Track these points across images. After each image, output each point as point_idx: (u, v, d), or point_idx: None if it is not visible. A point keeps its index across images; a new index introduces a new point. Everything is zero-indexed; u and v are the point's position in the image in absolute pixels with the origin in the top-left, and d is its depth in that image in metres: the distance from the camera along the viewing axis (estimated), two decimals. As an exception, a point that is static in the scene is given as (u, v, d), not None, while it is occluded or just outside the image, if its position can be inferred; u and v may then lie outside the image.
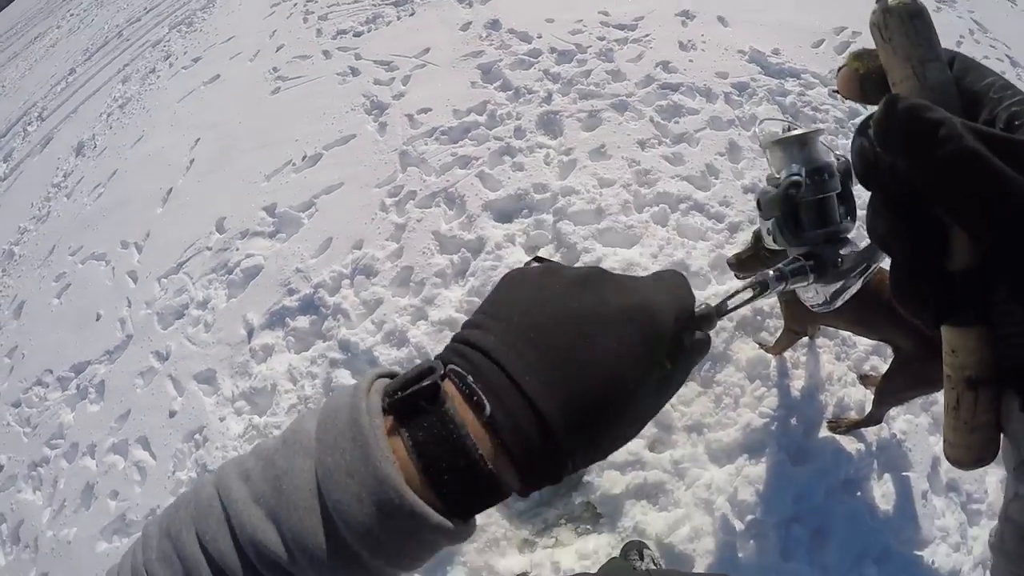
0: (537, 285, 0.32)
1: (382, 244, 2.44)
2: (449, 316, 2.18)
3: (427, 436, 0.27)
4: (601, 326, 0.29)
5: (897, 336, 1.75)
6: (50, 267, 3.90)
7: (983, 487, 2.06)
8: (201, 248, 2.89)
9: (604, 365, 0.29)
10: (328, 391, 2.23)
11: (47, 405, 2.99)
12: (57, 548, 2.39)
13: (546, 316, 0.30)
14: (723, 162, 2.72)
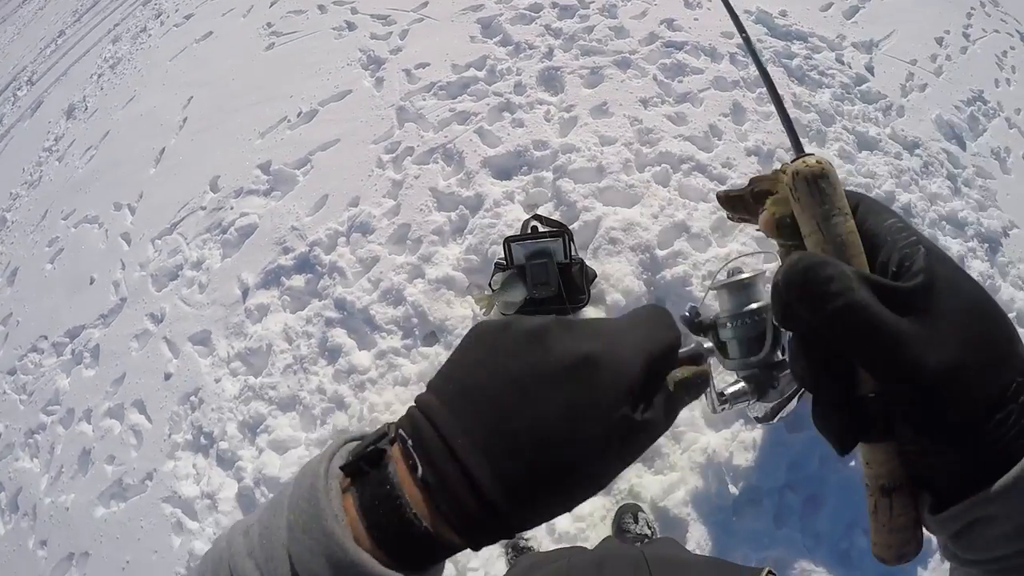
0: (488, 343, 0.32)
1: (379, 201, 2.39)
2: (446, 274, 2.14)
3: (371, 496, 0.30)
4: (542, 384, 0.30)
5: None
6: (43, 232, 3.85)
7: None
8: (195, 208, 2.83)
9: (542, 426, 0.29)
10: (324, 351, 2.21)
11: (42, 371, 2.98)
12: (55, 515, 2.40)
13: (487, 376, 0.30)
14: (727, 123, 2.65)
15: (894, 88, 3.04)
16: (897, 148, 2.74)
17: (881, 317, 0.27)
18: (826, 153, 2.65)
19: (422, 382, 2.07)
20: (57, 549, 2.33)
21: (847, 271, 0.28)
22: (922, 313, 0.27)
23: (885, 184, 2.55)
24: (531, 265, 1.92)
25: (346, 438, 0.35)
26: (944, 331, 0.27)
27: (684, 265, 2.18)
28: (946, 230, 2.51)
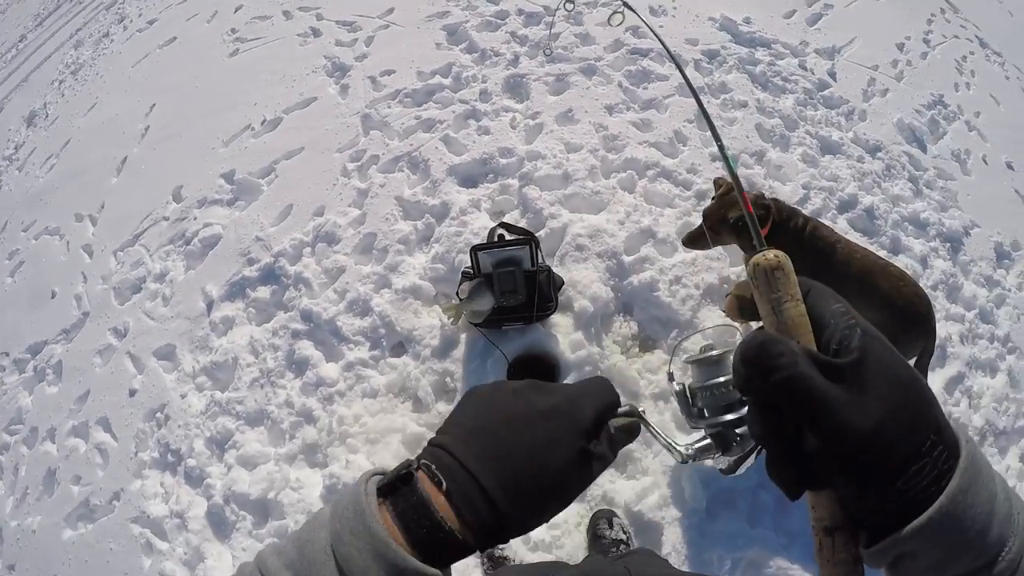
0: (483, 397, 0.44)
1: (344, 210, 2.36)
2: (413, 283, 2.14)
3: (405, 506, 0.38)
4: (527, 423, 0.41)
5: (865, 309, 1.78)
6: (2, 244, 3.73)
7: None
8: (158, 218, 2.77)
9: (531, 450, 0.40)
10: (291, 363, 2.18)
11: (4, 389, 2.89)
12: (22, 538, 2.34)
13: (488, 419, 0.42)
14: (691, 129, 2.69)
15: (856, 93, 3.12)
16: (860, 152, 2.81)
17: (819, 386, 0.34)
18: (789, 158, 2.71)
19: (391, 393, 2.06)
20: (25, 573, 2.27)
21: (794, 348, 0.35)
22: (853, 384, 0.34)
23: (848, 187, 2.61)
24: (498, 273, 1.91)
25: (370, 472, 0.41)
26: (870, 399, 0.33)
27: (651, 271, 2.20)
28: (908, 231, 2.58)
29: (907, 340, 1.73)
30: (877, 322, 1.27)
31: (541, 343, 2.07)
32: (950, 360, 2.30)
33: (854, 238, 2.48)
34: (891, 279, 1.69)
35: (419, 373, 2.04)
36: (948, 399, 2.24)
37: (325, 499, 1.99)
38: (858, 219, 2.55)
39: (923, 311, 1.69)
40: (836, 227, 2.55)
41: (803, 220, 1.74)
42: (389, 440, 2.00)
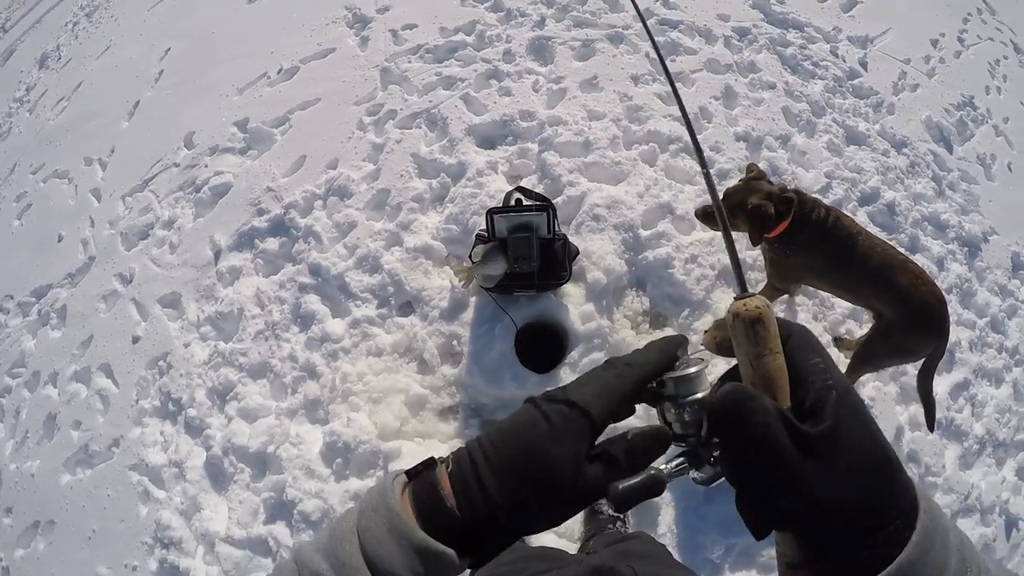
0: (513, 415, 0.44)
1: (358, 165, 2.31)
2: (425, 243, 2.09)
3: (419, 487, 0.41)
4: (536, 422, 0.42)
5: (881, 303, 1.74)
6: (10, 187, 3.71)
7: (941, 461, 2.12)
8: (168, 164, 2.73)
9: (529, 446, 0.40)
10: (297, 317, 2.15)
11: (8, 332, 2.89)
12: (20, 481, 2.35)
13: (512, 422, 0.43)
14: (717, 106, 2.61)
15: (886, 85, 3.03)
16: (885, 145, 2.74)
17: (787, 453, 0.35)
18: (815, 144, 2.63)
19: (396, 353, 2.04)
20: (23, 517, 2.28)
21: (768, 407, 0.35)
22: (822, 455, 0.35)
23: (871, 180, 2.55)
24: (513, 239, 1.86)
25: (396, 472, 0.45)
26: (836, 474, 0.34)
27: (667, 247, 2.15)
28: (928, 230, 2.53)
29: (919, 338, 1.71)
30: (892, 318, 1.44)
31: (551, 312, 2.03)
32: (958, 365, 2.27)
33: (873, 232, 2.46)
34: (909, 275, 1.66)
35: (426, 334, 2.01)
36: (952, 404, 2.22)
37: (324, 456, 1.98)
38: (878, 213, 2.49)
39: (938, 311, 1.65)
40: (856, 220, 2.50)
41: (825, 211, 1.70)
42: (391, 400, 1.98)
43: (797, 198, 1.68)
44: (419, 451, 1.93)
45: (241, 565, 2.00)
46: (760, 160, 2.49)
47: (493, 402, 2.00)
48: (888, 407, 2.13)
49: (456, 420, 2.00)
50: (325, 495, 1.95)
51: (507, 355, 1.96)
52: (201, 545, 2.07)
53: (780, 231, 1.70)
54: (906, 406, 2.16)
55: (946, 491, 2.10)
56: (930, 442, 2.12)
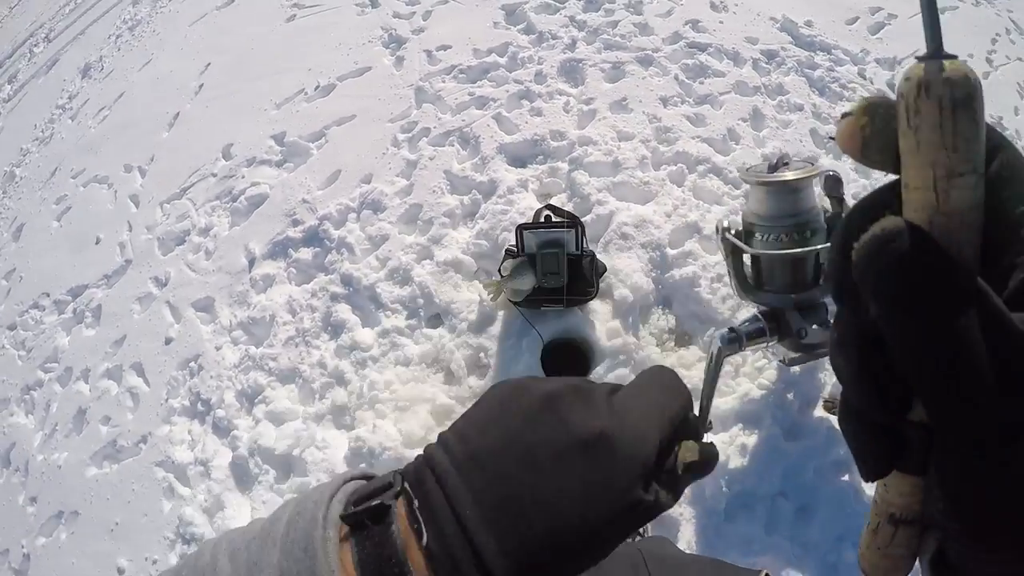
0: (502, 403, 0.31)
1: (392, 180, 2.37)
2: (455, 257, 2.14)
3: (370, 552, 0.28)
4: (554, 458, 0.28)
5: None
6: (51, 189, 3.84)
7: None
8: (206, 174, 2.82)
9: (552, 506, 0.27)
10: (327, 325, 2.21)
11: (43, 328, 2.97)
12: (47, 472, 2.40)
13: (501, 442, 0.29)
14: (745, 128, 2.64)
15: None
16: None
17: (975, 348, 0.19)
18: (842, 167, 2.63)
19: (424, 363, 2.07)
20: (47, 507, 2.33)
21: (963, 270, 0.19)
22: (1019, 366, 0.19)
23: None
24: (542, 254, 1.90)
25: (347, 476, 0.33)
26: None
27: (694, 266, 2.17)
28: None
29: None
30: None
31: (578, 328, 2.05)
32: None
33: None
34: None
35: (454, 346, 2.04)
36: None
37: (349, 461, 2.01)
38: None
39: None
40: None
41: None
42: (418, 409, 2.01)
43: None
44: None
45: (262, 568, 2.02)
46: (786, 183, 2.50)
47: (518, 415, 2.02)
48: None
49: (480, 432, 2.02)
50: (348, 502, 1.97)
51: (533, 368, 1.99)
52: (224, 545, 2.10)
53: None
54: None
55: None
56: None
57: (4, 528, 2.41)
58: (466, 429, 0.31)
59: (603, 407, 0.30)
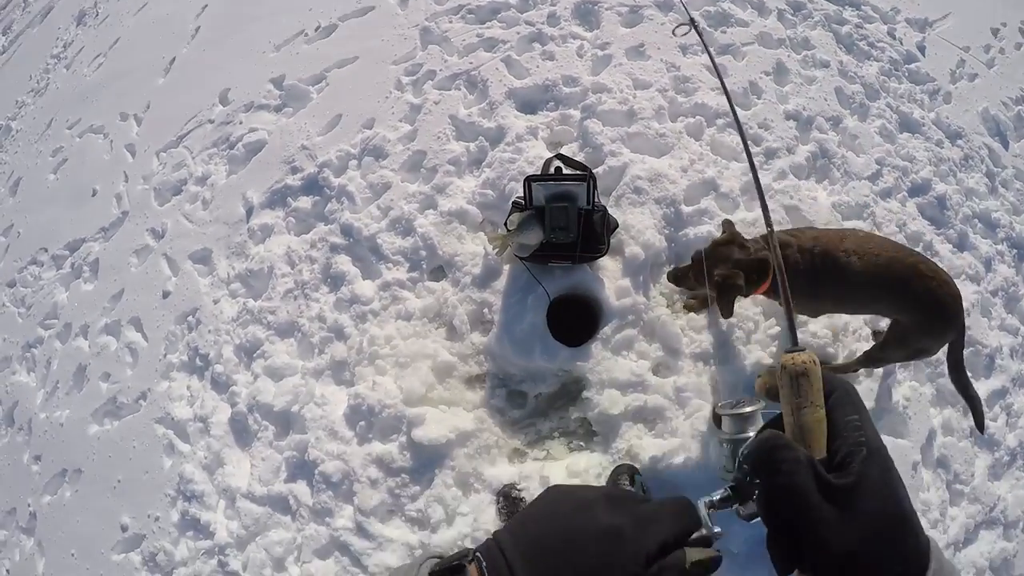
0: (553, 501, 0.46)
1: (395, 125, 2.25)
2: (460, 207, 2.04)
3: None
4: (584, 542, 0.42)
5: (896, 313, 1.64)
6: (47, 142, 3.75)
7: (971, 469, 2.05)
8: (203, 121, 2.71)
9: (579, 567, 0.41)
10: (327, 277, 2.13)
11: (41, 284, 2.93)
12: (50, 430, 2.40)
13: (550, 529, 0.43)
14: (767, 82, 2.49)
15: (943, 73, 2.87)
16: (939, 135, 2.61)
17: (811, 502, 0.37)
18: (867, 128, 2.51)
19: (425, 318, 2.00)
20: (51, 464, 2.34)
21: (800, 457, 0.38)
22: (843, 507, 0.37)
23: (923, 171, 2.44)
24: (551, 208, 1.79)
25: (428, 555, 0.44)
26: (853, 526, 0.36)
27: (709, 225, 2.07)
28: (977, 228, 2.43)
29: (938, 338, 1.61)
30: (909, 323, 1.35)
31: (587, 285, 1.96)
32: (997, 372, 2.19)
33: (921, 226, 2.35)
34: (923, 279, 1.51)
35: (457, 300, 1.96)
36: (987, 411, 2.11)
37: (348, 418, 1.96)
38: (928, 206, 2.39)
39: (955, 309, 1.53)
40: (904, 211, 2.39)
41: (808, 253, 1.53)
42: (419, 365, 1.94)
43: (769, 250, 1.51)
44: (444, 418, 1.90)
45: (261, 521, 2.00)
46: (810, 142, 2.37)
47: (521, 373, 1.95)
48: (923, 409, 2.05)
49: (483, 389, 1.96)
50: (347, 457, 1.93)
51: (538, 327, 1.91)
52: (222, 499, 2.08)
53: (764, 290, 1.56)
54: (940, 409, 2.08)
55: (972, 500, 2.03)
56: (961, 449, 2.05)
57: (10, 487, 2.42)
58: (524, 519, 0.45)
59: (626, 510, 0.43)
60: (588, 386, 1.92)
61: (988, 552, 1.99)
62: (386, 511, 1.90)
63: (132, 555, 2.09)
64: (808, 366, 0.41)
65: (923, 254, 1.61)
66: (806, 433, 0.40)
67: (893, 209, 2.33)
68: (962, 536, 1.99)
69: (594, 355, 1.92)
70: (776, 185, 2.21)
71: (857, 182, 2.34)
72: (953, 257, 2.34)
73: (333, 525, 1.91)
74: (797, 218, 2.20)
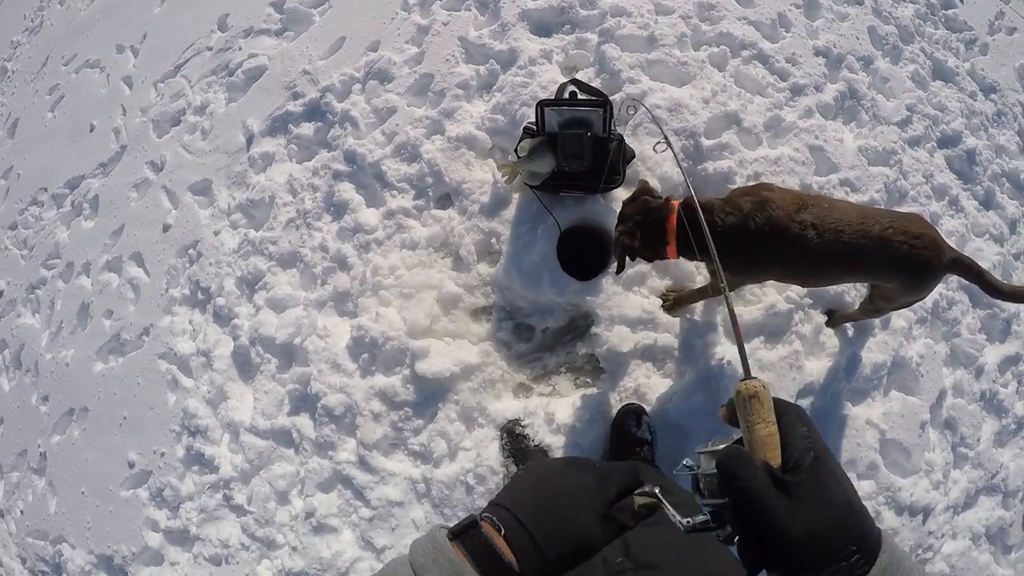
0: (535, 472, 0.60)
1: (401, 47, 2.14)
2: (468, 133, 1.94)
3: (472, 544, 0.51)
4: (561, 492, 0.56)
5: (873, 279, 1.51)
6: (43, 80, 3.65)
7: (978, 434, 2.01)
8: (201, 48, 2.60)
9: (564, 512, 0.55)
10: (329, 206, 2.06)
11: (43, 224, 2.89)
12: (56, 371, 2.40)
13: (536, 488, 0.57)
14: (798, 15, 2.34)
15: (982, 23, 2.71)
16: (973, 87, 2.47)
17: (766, 498, 0.44)
18: (899, 72, 2.38)
19: (431, 247, 1.93)
20: (58, 405, 2.35)
21: (756, 464, 0.46)
22: (795, 499, 0.44)
23: (954, 122, 2.32)
24: (564, 135, 1.69)
25: (438, 525, 0.53)
26: (805, 514, 0.43)
27: (730, 160, 1.97)
28: (1005, 187, 2.33)
29: (926, 288, 1.45)
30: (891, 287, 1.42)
31: (599, 217, 1.89)
32: (1011, 338, 2.12)
33: (948, 179, 2.24)
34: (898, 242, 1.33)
35: (464, 229, 1.89)
36: (999, 377, 2.09)
37: (351, 350, 1.92)
38: (957, 159, 2.29)
39: (935, 264, 1.36)
40: (932, 161, 2.26)
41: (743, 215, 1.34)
42: (423, 296, 1.89)
43: (682, 215, 1.36)
44: (448, 351, 1.85)
45: (264, 455, 1.99)
46: (839, 80, 2.24)
47: (529, 306, 1.90)
48: (935, 367, 2.00)
49: (489, 322, 1.91)
50: (349, 391, 1.90)
51: (547, 258, 1.84)
52: (227, 433, 2.07)
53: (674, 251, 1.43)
54: (953, 369, 2.03)
55: (975, 465, 2.00)
56: (970, 412, 2.02)
57: (20, 429, 2.44)
58: (514, 489, 0.58)
59: (589, 471, 0.58)
60: (597, 321, 1.87)
61: (986, 519, 1.98)
62: (389, 445, 1.88)
63: (140, 491, 2.11)
64: (758, 390, 0.49)
65: (891, 210, 1.44)
66: (760, 445, 0.48)
67: (921, 159, 2.23)
68: (962, 500, 1.97)
69: (604, 290, 1.86)
70: (801, 123, 2.10)
71: (886, 127, 2.23)
72: (978, 215, 2.25)
73: (336, 459, 1.89)
74: (821, 159, 2.10)
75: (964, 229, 2.20)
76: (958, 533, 1.97)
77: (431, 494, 1.82)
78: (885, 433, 1.90)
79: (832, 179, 2.05)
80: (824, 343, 1.97)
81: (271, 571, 1.94)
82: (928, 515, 1.92)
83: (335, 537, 1.87)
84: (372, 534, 1.84)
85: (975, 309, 2.14)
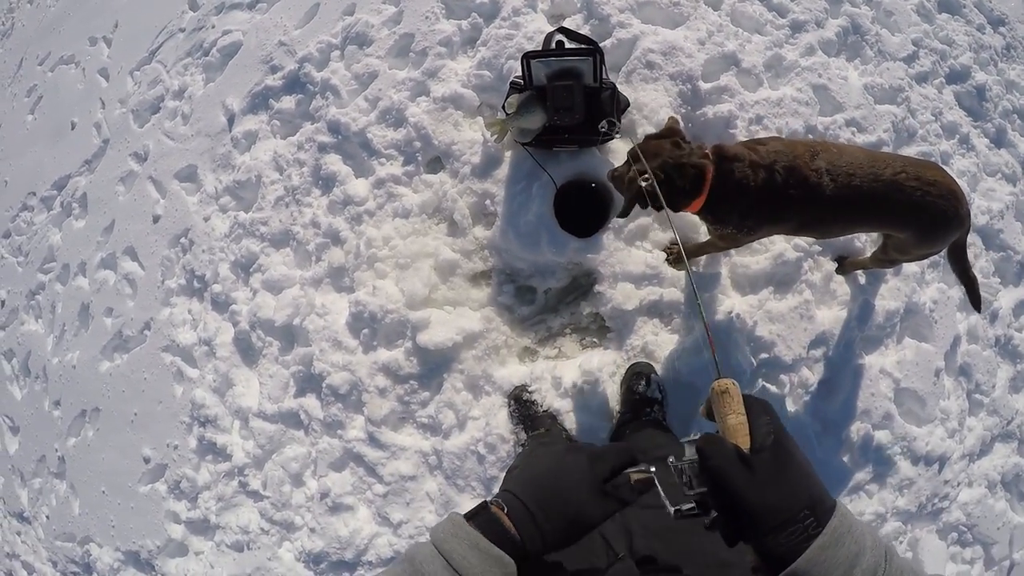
0: (536, 459, 0.66)
1: (378, 8, 2.05)
2: (454, 92, 1.86)
3: (482, 521, 0.58)
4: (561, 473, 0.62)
5: (887, 229, 1.44)
6: (20, 82, 3.59)
7: (992, 380, 1.95)
8: (173, 31, 2.52)
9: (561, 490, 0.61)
10: (317, 180, 2.00)
11: (35, 229, 2.86)
12: (64, 374, 2.39)
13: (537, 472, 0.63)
14: (797, -53, 2.23)
15: None
16: (981, 20, 2.36)
17: (731, 472, 0.52)
18: (903, 5, 2.25)
19: (424, 213, 1.87)
20: (70, 408, 2.35)
21: (727, 445, 0.54)
22: (757, 473, 0.52)
23: (962, 56, 2.22)
24: (553, 87, 1.61)
25: (455, 512, 0.61)
26: (766, 485, 0.51)
27: (730, 104, 1.88)
28: (1016, 124, 2.24)
29: (942, 240, 1.38)
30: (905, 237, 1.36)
31: (596, 171, 1.81)
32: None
33: (958, 116, 2.15)
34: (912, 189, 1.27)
35: (456, 193, 1.83)
36: (1013, 322, 2.04)
37: (351, 327, 1.88)
38: (966, 95, 2.19)
39: (955, 209, 1.29)
40: (941, 98, 2.17)
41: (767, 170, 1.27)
42: (420, 266, 1.83)
43: (718, 167, 1.28)
44: (449, 320, 1.81)
45: (275, 439, 1.97)
46: (841, 15, 2.13)
47: (529, 267, 1.84)
48: (949, 313, 1.93)
49: (489, 287, 1.86)
50: (353, 368, 1.87)
51: (545, 217, 1.78)
52: (236, 420, 2.06)
53: (697, 208, 1.33)
54: (967, 315, 1.97)
55: (991, 412, 1.95)
56: (985, 358, 1.96)
57: (37, 435, 2.44)
58: (519, 474, 0.66)
59: (583, 452, 0.64)
60: (600, 279, 1.81)
61: (1001, 466, 1.95)
62: (397, 419, 1.85)
63: (158, 485, 2.12)
64: (729, 386, 0.57)
65: (904, 156, 1.38)
66: (732, 432, 0.56)
67: (929, 96, 2.14)
68: (978, 448, 1.93)
69: (606, 246, 1.80)
70: (803, 62, 2.00)
71: (891, 63, 2.12)
72: (990, 154, 2.16)
73: (345, 437, 1.87)
74: (825, 99, 2.00)
75: (976, 168, 2.12)
76: (974, 481, 1.94)
77: (443, 466, 1.79)
78: (899, 382, 1.85)
79: (838, 119, 1.96)
80: (835, 291, 1.91)
81: (292, 553, 1.94)
82: (944, 464, 1.89)
83: (352, 515, 1.86)
84: (388, 510, 1.82)
85: (988, 252, 2.07)
